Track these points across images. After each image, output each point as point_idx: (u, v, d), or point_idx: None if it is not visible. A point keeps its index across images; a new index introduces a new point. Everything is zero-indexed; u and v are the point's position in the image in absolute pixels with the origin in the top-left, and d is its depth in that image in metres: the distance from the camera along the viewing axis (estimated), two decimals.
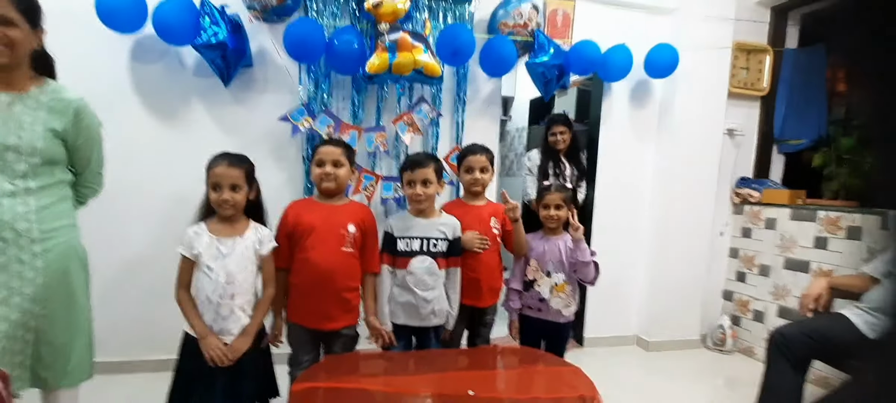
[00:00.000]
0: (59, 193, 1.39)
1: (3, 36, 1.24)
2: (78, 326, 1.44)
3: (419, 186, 1.76)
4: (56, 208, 1.37)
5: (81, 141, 1.41)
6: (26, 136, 1.29)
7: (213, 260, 1.50)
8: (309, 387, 1.37)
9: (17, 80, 1.31)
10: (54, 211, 1.36)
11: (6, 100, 1.28)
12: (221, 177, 1.51)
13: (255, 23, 2.21)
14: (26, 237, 1.29)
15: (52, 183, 1.36)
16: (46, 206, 1.34)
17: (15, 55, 1.27)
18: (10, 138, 1.27)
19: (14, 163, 1.28)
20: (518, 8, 2.43)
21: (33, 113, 1.31)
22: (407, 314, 1.79)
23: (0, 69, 1.27)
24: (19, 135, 1.28)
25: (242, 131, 2.36)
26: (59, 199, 1.39)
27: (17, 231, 1.28)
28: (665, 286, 3.02)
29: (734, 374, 2.78)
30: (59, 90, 1.38)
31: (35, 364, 1.36)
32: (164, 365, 2.28)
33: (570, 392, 1.43)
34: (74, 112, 1.37)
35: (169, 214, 2.26)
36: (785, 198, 2.87)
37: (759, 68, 3.07)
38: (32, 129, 1.30)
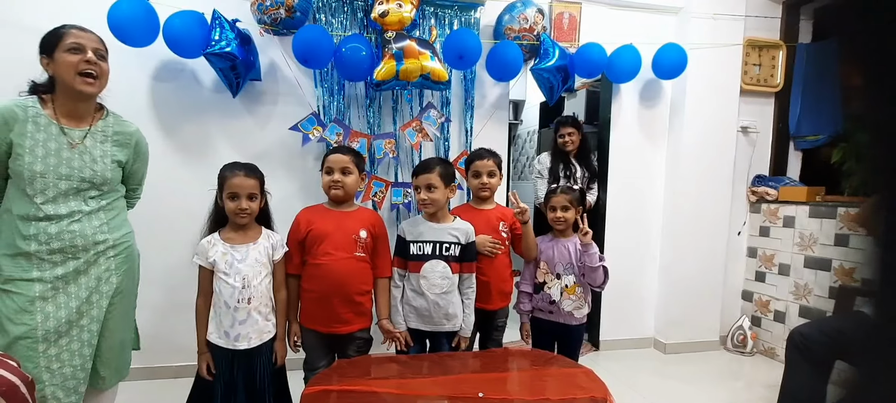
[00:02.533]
0: (120, 205, 1.57)
1: (97, 66, 1.38)
2: (132, 322, 1.64)
3: (424, 192, 1.78)
4: (120, 217, 1.56)
5: (138, 165, 1.62)
6: (98, 169, 1.44)
7: (229, 267, 1.55)
8: (321, 390, 1.39)
9: (87, 114, 1.45)
10: (120, 221, 1.54)
11: (79, 134, 1.42)
12: (240, 186, 1.55)
13: (266, 36, 2.26)
14: (104, 245, 1.47)
15: (115, 198, 1.54)
16: (114, 217, 1.52)
17: (100, 88, 1.43)
18: (85, 171, 1.42)
19: (88, 190, 1.44)
20: (523, 12, 2.44)
21: (101, 146, 1.46)
22: (420, 318, 1.80)
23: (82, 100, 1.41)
24: (93, 169, 1.43)
25: (255, 143, 2.41)
26: (121, 210, 1.58)
27: (98, 242, 1.45)
28: (682, 287, 2.97)
29: (755, 376, 2.72)
30: (119, 122, 1.53)
31: (96, 362, 1.49)
32: (183, 371, 2.35)
33: (582, 395, 1.42)
34: (135, 143, 1.56)
35: (184, 225, 2.31)
36: (803, 196, 2.81)
37: (773, 64, 3.02)
38: (103, 162, 1.46)
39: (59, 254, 1.39)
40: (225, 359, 1.55)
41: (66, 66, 1.35)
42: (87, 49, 1.37)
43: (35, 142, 1.35)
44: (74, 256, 1.41)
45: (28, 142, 1.35)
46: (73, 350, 1.42)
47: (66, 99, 1.40)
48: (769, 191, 2.99)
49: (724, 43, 2.82)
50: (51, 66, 1.38)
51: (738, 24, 2.87)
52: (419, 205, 1.84)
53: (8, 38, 2.10)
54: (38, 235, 1.36)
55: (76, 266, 1.41)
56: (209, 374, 1.57)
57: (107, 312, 1.48)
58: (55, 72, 1.38)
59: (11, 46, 2.12)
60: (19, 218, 1.37)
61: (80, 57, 1.36)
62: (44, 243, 1.37)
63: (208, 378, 1.56)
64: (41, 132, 1.37)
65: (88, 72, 1.37)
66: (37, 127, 1.36)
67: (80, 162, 1.40)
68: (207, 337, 1.57)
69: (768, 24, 3.01)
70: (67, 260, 1.40)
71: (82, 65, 1.36)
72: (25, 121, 1.35)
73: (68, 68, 1.35)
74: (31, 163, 1.35)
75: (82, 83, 1.37)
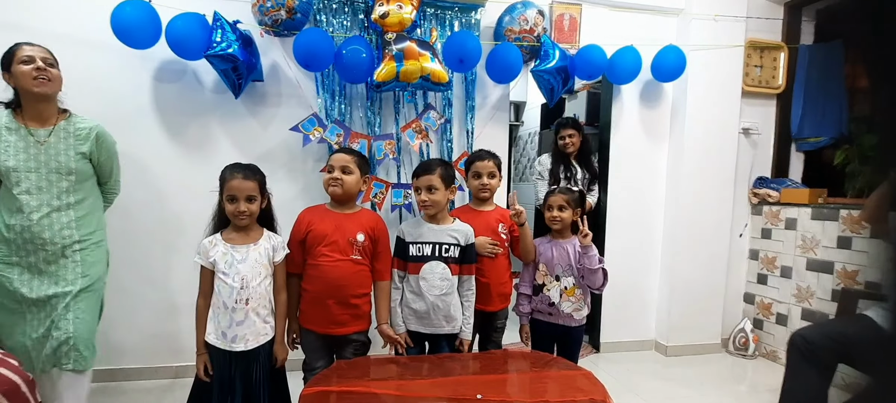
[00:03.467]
0: (91, 205, 1.76)
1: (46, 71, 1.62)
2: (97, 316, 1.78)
3: (424, 193, 1.78)
4: (91, 217, 1.75)
5: (103, 158, 1.79)
6: (63, 161, 1.67)
7: (229, 267, 1.55)
8: (319, 391, 1.39)
9: (50, 116, 1.68)
10: (89, 220, 1.74)
11: (44, 133, 1.66)
12: (238, 189, 1.56)
13: (267, 37, 2.27)
14: (70, 240, 1.67)
15: (85, 196, 1.74)
16: (83, 216, 1.72)
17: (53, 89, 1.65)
18: (51, 164, 1.65)
19: (57, 182, 1.66)
20: (524, 14, 2.45)
21: (65, 142, 1.68)
22: (419, 321, 1.79)
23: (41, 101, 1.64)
24: (58, 162, 1.66)
25: (257, 144, 2.42)
26: (93, 210, 1.77)
27: (64, 237, 1.66)
28: (683, 289, 2.96)
29: (757, 380, 2.70)
30: (80, 120, 1.74)
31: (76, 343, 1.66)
32: (183, 372, 2.36)
33: (581, 397, 1.41)
34: (95, 136, 1.74)
35: (186, 227, 2.32)
36: (805, 198, 2.79)
37: (774, 65, 3.02)
38: (66, 154, 1.68)
39: (30, 244, 1.63)
40: (222, 360, 1.55)
41: (23, 74, 1.59)
42: (36, 58, 1.61)
43: (8, 143, 1.62)
44: (43, 247, 1.63)
45: (2, 144, 1.61)
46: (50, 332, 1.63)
47: (29, 104, 1.64)
48: (771, 192, 2.98)
49: (725, 44, 2.82)
50: (11, 80, 1.63)
51: (740, 26, 2.87)
52: (419, 207, 1.84)
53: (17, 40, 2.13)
54: (15, 225, 1.61)
55: (45, 256, 1.64)
56: (206, 375, 1.57)
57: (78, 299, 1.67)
58: (16, 83, 1.62)
59: None
60: (5, 210, 1.63)
61: (32, 66, 1.60)
62: (19, 233, 1.62)
63: (206, 379, 1.57)
64: (13, 135, 1.63)
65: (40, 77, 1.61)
66: (9, 131, 1.63)
67: (46, 156, 1.64)
68: (206, 338, 1.58)
69: (770, 26, 3.00)
70: (37, 251, 1.64)
71: (34, 71, 1.60)
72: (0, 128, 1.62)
73: (24, 76, 1.59)
74: (5, 160, 1.61)
75: (37, 85, 1.60)
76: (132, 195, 2.16)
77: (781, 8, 3.03)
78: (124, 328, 2.30)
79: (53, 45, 2.15)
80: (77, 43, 2.18)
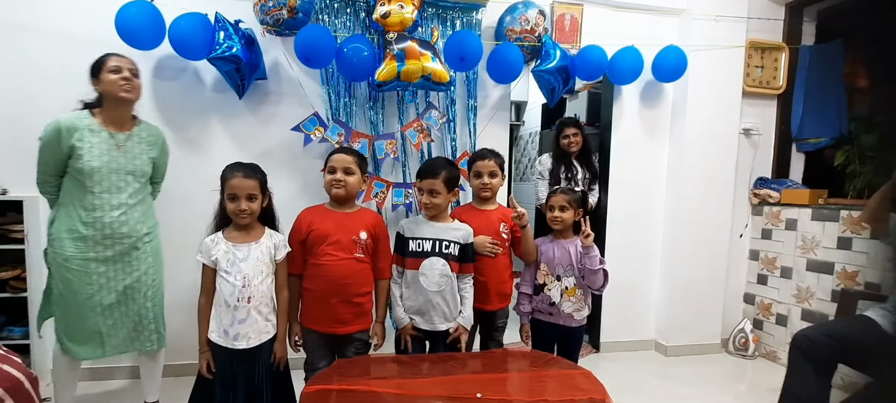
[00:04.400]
0: (149, 201, 1.93)
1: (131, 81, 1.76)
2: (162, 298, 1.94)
3: (426, 196, 1.79)
4: (149, 211, 1.90)
5: (162, 162, 1.97)
6: (138, 164, 1.82)
7: (230, 266, 1.56)
8: (320, 389, 1.39)
9: (126, 122, 1.82)
10: (148, 214, 1.90)
11: (122, 137, 1.79)
12: (238, 187, 1.56)
13: (268, 37, 2.28)
14: (140, 233, 1.82)
15: (145, 194, 1.88)
16: (145, 211, 1.87)
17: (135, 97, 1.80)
18: (129, 166, 1.79)
19: (131, 183, 1.80)
20: (525, 14, 2.45)
21: (139, 146, 1.83)
22: (419, 317, 1.80)
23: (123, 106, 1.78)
24: (134, 164, 1.80)
25: (258, 142, 2.42)
26: (150, 205, 1.93)
27: (137, 231, 1.81)
28: (683, 289, 2.96)
29: (757, 380, 2.71)
30: (149, 127, 1.91)
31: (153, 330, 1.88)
32: (184, 370, 2.36)
33: (581, 396, 1.42)
34: (162, 142, 1.93)
35: (188, 225, 2.32)
36: (805, 198, 2.80)
37: (775, 66, 3.02)
38: (140, 158, 1.83)
39: (109, 239, 1.74)
40: (225, 358, 1.56)
41: (111, 82, 1.72)
42: (123, 69, 1.74)
43: (92, 144, 1.71)
44: (121, 241, 1.76)
45: (86, 144, 1.70)
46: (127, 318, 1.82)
47: (111, 109, 1.76)
48: (771, 193, 2.98)
49: (726, 45, 2.82)
50: (99, 86, 1.75)
51: (741, 26, 2.87)
52: (420, 207, 1.85)
53: (23, 40, 2.17)
54: (93, 222, 1.71)
55: (122, 249, 1.77)
56: (209, 373, 1.58)
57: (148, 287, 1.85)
58: (103, 89, 1.74)
59: (27, 47, 2.18)
60: (81, 208, 1.71)
61: (120, 75, 1.73)
62: (98, 229, 1.72)
63: (208, 377, 1.57)
64: (96, 137, 1.73)
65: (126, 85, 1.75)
66: (93, 133, 1.72)
67: (124, 159, 1.77)
68: (208, 336, 1.58)
69: (771, 26, 3.00)
70: (115, 244, 1.76)
71: (121, 80, 1.73)
72: (83, 129, 1.71)
73: (112, 84, 1.72)
74: (90, 161, 1.70)
75: (123, 92, 1.73)
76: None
77: (783, 8, 3.04)
78: None
79: (56, 43, 2.19)
80: (80, 40, 2.19)
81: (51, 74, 2.19)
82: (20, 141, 2.19)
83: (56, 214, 1.76)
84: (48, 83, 2.19)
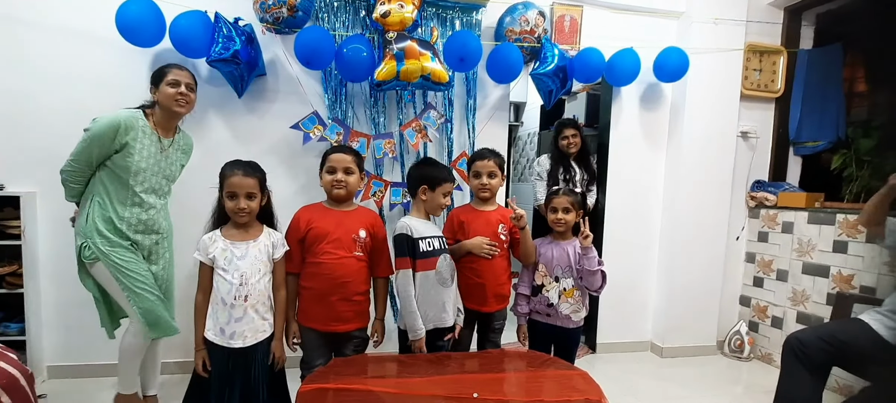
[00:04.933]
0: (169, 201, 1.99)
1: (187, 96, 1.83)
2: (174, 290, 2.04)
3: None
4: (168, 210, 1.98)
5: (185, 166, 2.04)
6: (175, 170, 1.93)
7: (228, 264, 1.56)
8: (317, 388, 1.39)
9: (173, 128, 1.91)
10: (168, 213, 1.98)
11: (167, 143, 1.87)
12: (238, 186, 1.56)
13: (268, 34, 2.27)
14: (166, 231, 1.94)
15: (169, 195, 1.97)
16: (167, 211, 1.97)
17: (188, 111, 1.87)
18: (168, 171, 1.88)
19: (165, 186, 1.90)
20: (524, 15, 2.45)
21: (176, 153, 1.92)
22: (431, 319, 1.76)
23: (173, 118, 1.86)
24: (172, 170, 1.91)
25: (256, 140, 2.42)
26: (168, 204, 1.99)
27: (167, 228, 1.94)
28: (679, 291, 2.97)
29: (752, 382, 2.72)
30: (186, 136, 1.99)
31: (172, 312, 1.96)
32: (179, 368, 2.36)
33: (577, 397, 1.42)
34: (191, 150, 2.03)
35: (185, 223, 2.31)
36: (802, 201, 2.81)
37: (773, 69, 3.03)
38: (177, 164, 1.94)
39: (144, 233, 1.83)
40: (221, 356, 1.56)
41: (167, 96, 1.79)
42: (181, 83, 1.80)
43: (142, 145, 1.77)
44: (157, 232, 1.88)
45: (138, 144, 1.75)
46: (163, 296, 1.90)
47: (164, 117, 1.84)
48: (768, 196, 2.99)
49: (725, 48, 2.83)
50: (157, 95, 1.81)
51: (740, 29, 2.88)
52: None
53: (22, 36, 2.16)
54: (130, 218, 1.78)
55: (157, 239, 1.89)
56: (205, 371, 1.57)
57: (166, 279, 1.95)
58: (159, 98, 1.80)
59: (26, 44, 2.17)
60: (118, 203, 1.77)
61: (177, 89, 1.79)
62: (133, 225, 1.79)
63: (204, 375, 1.57)
64: (147, 138, 1.79)
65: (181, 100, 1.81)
66: (145, 135, 1.78)
67: (166, 163, 1.87)
68: (205, 334, 1.58)
69: (770, 30, 3.01)
70: (150, 233, 1.86)
71: (178, 95, 1.79)
72: (138, 129, 1.76)
73: (169, 97, 1.79)
74: (139, 161, 1.76)
75: (177, 106, 1.81)
76: None
77: (781, 12, 3.04)
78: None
79: (55, 40, 2.18)
80: (79, 35, 2.18)
81: (49, 72, 2.19)
82: (17, 137, 2.18)
83: (89, 209, 1.75)
84: (46, 80, 2.19)
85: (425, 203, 1.84)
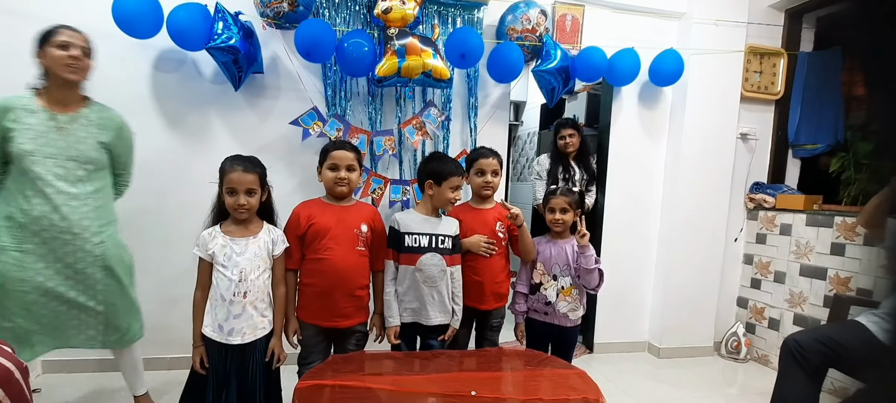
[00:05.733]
0: (107, 195, 1.74)
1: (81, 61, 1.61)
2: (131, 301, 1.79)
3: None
4: (106, 208, 1.73)
5: (122, 150, 1.78)
6: (83, 148, 1.64)
7: (227, 260, 1.55)
8: (314, 384, 1.39)
9: (73, 102, 1.65)
10: (105, 211, 1.71)
11: (65, 119, 1.62)
12: (238, 181, 1.54)
13: (268, 30, 2.26)
14: (89, 232, 1.65)
15: (101, 186, 1.71)
16: (100, 207, 1.69)
17: (82, 77, 1.64)
18: (70, 151, 1.61)
19: (74, 170, 1.62)
20: (526, 13, 2.45)
21: (86, 129, 1.65)
22: (414, 312, 1.80)
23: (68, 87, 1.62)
24: (78, 149, 1.62)
25: (256, 136, 2.41)
26: (108, 200, 1.74)
27: (83, 227, 1.63)
28: (677, 292, 2.98)
29: (748, 383, 2.72)
30: (104, 109, 1.72)
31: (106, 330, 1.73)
32: (177, 364, 2.35)
33: (575, 395, 1.42)
34: (117, 127, 1.74)
35: (184, 218, 2.31)
36: (800, 204, 2.81)
37: (773, 72, 3.03)
38: (86, 143, 1.65)
39: (46, 232, 1.59)
40: (218, 353, 1.55)
41: (55, 59, 1.57)
42: (72, 47, 1.58)
43: (26, 126, 1.57)
44: (60, 237, 1.60)
45: (20, 126, 1.56)
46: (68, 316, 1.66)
47: (55, 88, 1.61)
48: (767, 198, 3.00)
49: (725, 49, 2.83)
50: (43, 59, 1.59)
51: (740, 31, 2.88)
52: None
53: (14, 27, 2.12)
54: (31, 210, 1.57)
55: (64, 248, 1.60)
56: (202, 368, 1.56)
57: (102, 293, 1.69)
58: (47, 64, 1.59)
59: (18, 35, 2.13)
60: (21, 196, 1.58)
61: (67, 53, 1.57)
62: (35, 219, 1.58)
63: (202, 372, 1.56)
64: (32, 117, 1.58)
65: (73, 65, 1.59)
66: (28, 113, 1.58)
67: (65, 142, 1.60)
68: (202, 331, 1.57)
69: (770, 32, 3.02)
70: (55, 238, 1.60)
71: (68, 59, 1.57)
72: (18, 109, 1.58)
73: (57, 61, 1.57)
74: (23, 143, 1.56)
75: (68, 72, 1.58)
76: (130, 185, 2.16)
77: (782, 15, 3.05)
78: None
79: None
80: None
81: None
82: None
83: None
84: None
85: (432, 198, 1.84)
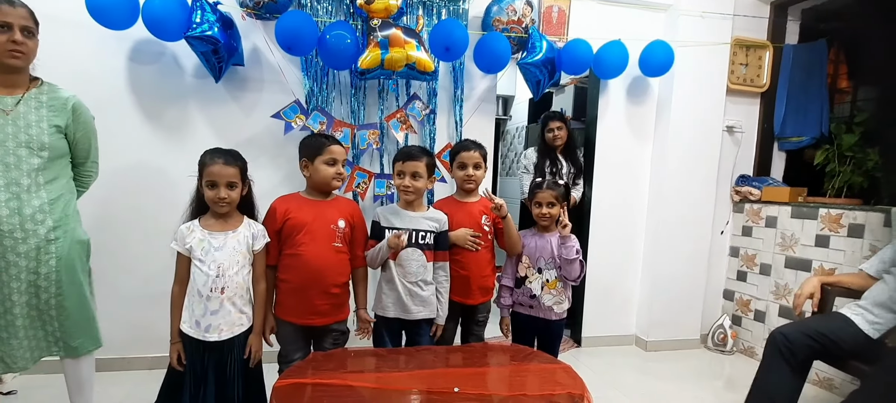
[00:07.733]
0: (66, 186, 1.58)
1: (24, 45, 1.45)
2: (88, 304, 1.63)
3: (408, 178, 1.76)
4: (61, 202, 1.55)
5: (80, 134, 1.61)
6: (34, 133, 1.48)
7: (205, 255, 1.51)
8: (294, 383, 1.36)
9: (20, 84, 1.51)
10: (59, 205, 1.55)
11: (11, 101, 1.47)
12: (218, 175, 1.50)
13: (248, 20, 2.21)
14: (44, 228, 1.50)
15: (59, 176, 1.56)
16: (56, 199, 1.54)
17: (28, 62, 1.49)
18: (20, 136, 1.46)
19: (28, 158, 1.47)
20: (512, 4, 2.42)
21: (37, 112, 1.50)
22: (396, 307, 1.78)
23: (12, 72, 1.47)
24: (28, 134, 1.47)
25: (238, 130, 2.36)
26: (67, 192, 1.59)
27: (36, 222, 1.48)
28: (664, 285, 2.98)
29: (735, 375, 2.74)
30: (54, 89, 1.56)
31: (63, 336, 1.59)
32: (158, 363, 2.30)
33: (560, 391, 1.41)
34: (72, 107, 1.57)
35: (165, 214, 2.25)
36: (786, 196, 2.83)
37: (759, 64, 3.04)
38: (38, 127, 1.49)
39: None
40: (196, 350, 1.51)
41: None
42: (13, 27, 1.43)
43: None
44: (11, 234, 1.45)
45: None
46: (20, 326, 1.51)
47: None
48: (753, 190, 3.01)
49: (712, 42, 2.83)
50: None
51: (726, 23, 2.88)
52: (401, 191, 1.82)
53: None
54: None
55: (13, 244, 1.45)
56: (180, 364, 1.53)
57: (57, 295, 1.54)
58: None
59: None
60: None
61: (8, 35, 1.42)
62: None
63: (179, 369, 1.53)
64: None
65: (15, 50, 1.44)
66: None
67: (14, 128, 1.46)
68: (180, 327, 1.53)
69: (756, 24, 3.02)
70: (4, 238, 1.44)
71: (9, 43, 1.43)
72: None
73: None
74: None
75: (9, 57, 1.44)
76: (107, 179, 2.08)
77: (768, 7, 3.05)
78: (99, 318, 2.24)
79: None
80: (49, 20, 2.08)
81: None
82: None
83: None
84: None
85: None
